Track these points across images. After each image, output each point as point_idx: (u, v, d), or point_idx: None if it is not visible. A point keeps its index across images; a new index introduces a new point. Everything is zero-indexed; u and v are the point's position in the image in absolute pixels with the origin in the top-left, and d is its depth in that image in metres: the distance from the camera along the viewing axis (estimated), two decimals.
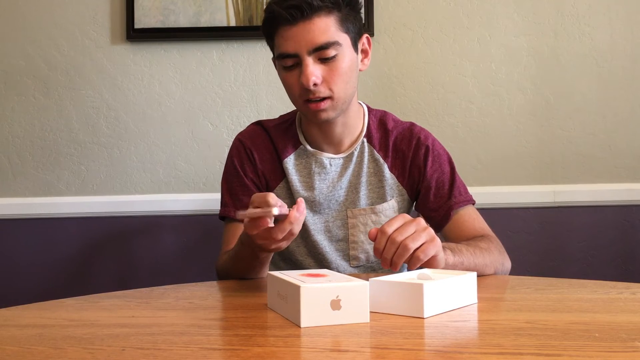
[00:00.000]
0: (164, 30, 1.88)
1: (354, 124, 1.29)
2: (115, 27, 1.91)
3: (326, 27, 1.13)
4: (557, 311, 0.80)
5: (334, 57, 1.14)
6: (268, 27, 1.18)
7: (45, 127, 1.91)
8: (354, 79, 1.20)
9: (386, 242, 0.92)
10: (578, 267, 1.84)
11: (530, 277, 1.09)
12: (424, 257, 0.93)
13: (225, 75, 1.91)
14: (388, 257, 0.93)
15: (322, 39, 1.13)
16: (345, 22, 1.16)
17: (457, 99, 1.88)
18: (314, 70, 1.14)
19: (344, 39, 1.16)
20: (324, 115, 1.19)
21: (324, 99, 1.16)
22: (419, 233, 0.93)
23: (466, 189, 1.31)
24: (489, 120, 1.88)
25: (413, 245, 0.91)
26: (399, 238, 0.92)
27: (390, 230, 0.93)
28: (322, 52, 1.14)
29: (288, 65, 1.16)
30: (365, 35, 1.24)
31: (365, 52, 1.25)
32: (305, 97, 1.17)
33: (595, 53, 1.86)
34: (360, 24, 1.22)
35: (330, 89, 1.16)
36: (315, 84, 1.14)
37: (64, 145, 1.91)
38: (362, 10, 1.81)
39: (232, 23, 1.87)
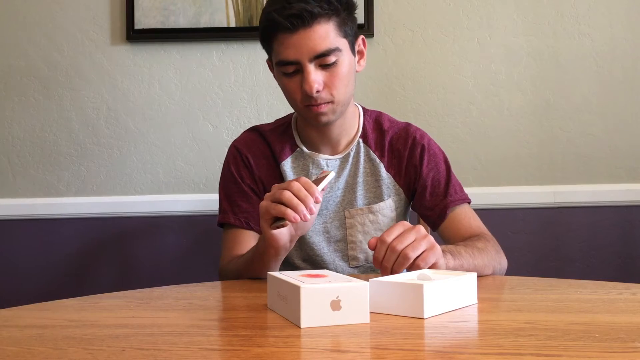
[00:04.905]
0: (164, 31, 1.88)
1: (350, 125, 1.30)
2: (115, 28, 1.91)
3: (326, 34, 1.14)
4: (557, 312, 0.80)
5: (334, 63, 1.16)
6: (266, 34, 1.18)
7: (45, 127, 1.91)
8: (352, 82, 1.22)
9: (386, 251, 0.92)
10: (578, 268, 1.84)
11: (530, 278, 1.09)
12: (425, 266, 0.93)
13: (225, 76, 1.91)
14: (388, 266, 0.92)
15: (323, 46, 1.13)
16: (343, 27, 1.17)
17: (457, 100, 1.88)
18: (316, 78, 1.14)
19: (343, 44, 1.17)
20: (324, 119, 1.20)
21: (325, 102, 1.17)
22: (418, 241, 0.93)
23: (462, 188, 1.31)
24: (488, 120, 1.88)
25: (413, 254, 0.91)
26: (399, 247, 0.91)
27: (389, 239, 0.93)
28: (323, 59, 1.15)
29: (289, 72, 1.17)
30: (361, 36, 1.25)
31: (361, 53, 1.26)
32: (306, 103, 1.18)
33: (595, 53, 1.86)
34: (356, 26, 1.23)
35: (332, 94, 1.17)
36: (317, 91, 1.15)
37: (64, 146, 1.91)
38: (362, 11, 1.82)
39: (232, 24, 1.87)
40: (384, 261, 0.92)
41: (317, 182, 1.03)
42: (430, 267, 0.94)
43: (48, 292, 1.86)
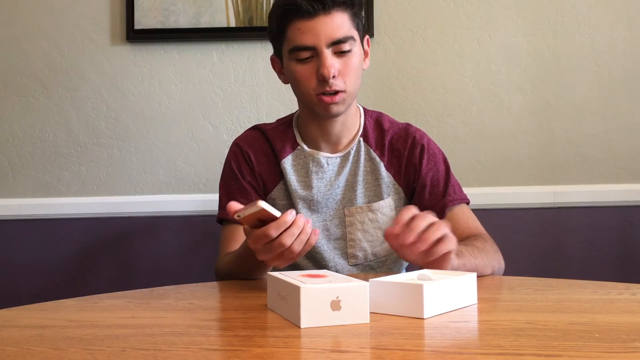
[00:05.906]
0: (164, 31, 1.88)
1: (352, 123, 1.32)
2: (115, 28, 1.91)
3: (343, 22, 1.18)
4: (557, 312, 0.80)
5: (349, 51, 1.19)
6: (282, 19, 1.20)
7: (45, 127, 1.91)
8: (361, 76, 1.25)
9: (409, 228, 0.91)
10: (578, 268, 1.84)
11: (530, 278, 1.09)
12: (442, 250, 0.92)
13: (225, 76, 1.91)
14: (407, 241, 0.90)
15: (340, 32, 1.17)
16: (355, 20, 1.22)
17: (457, 100, 1.88)
18: (333, 63, 1.17)
19: (356, 36, 1.22)
20: (335, 109, 1.22)
21: (337, 92, 1.19)
22: (439, 225, 0.92)
23: (461, 188, 1.32)
24: (488, 121, 1.88)
25: (434, 236, 0.91)
26: (422, 224, 0.91)
27: (407, 218, 0.92)
28: (339, 46, 1.18)
29: (303, 58, 1.19)
30: (367, 36, 1.29)
31: (366, 53, 1.30)
32: (319, 91, 1.19)
33: (595, 54, 1.86)
34: (363, 24, 1.27)
35: (345, 82, 1.20)
36: (334, 76, 1.17)
37: (64, 146, 1.91)
38: (362, 12, 1.83)
39: (232, 24, 1.87)
40: (403, 238, 0.90)
41: (258, 215, 0.92)
42: (439, 260, 0.94)
43: (48, 292, 1.86)
